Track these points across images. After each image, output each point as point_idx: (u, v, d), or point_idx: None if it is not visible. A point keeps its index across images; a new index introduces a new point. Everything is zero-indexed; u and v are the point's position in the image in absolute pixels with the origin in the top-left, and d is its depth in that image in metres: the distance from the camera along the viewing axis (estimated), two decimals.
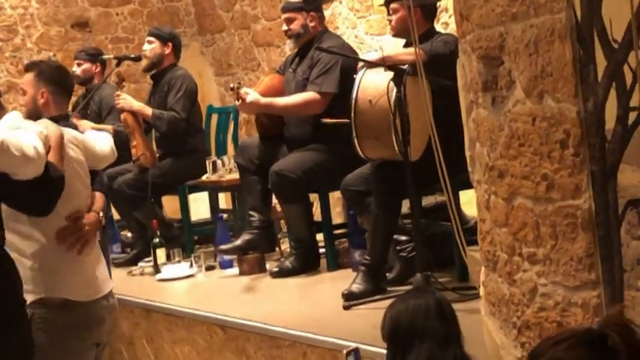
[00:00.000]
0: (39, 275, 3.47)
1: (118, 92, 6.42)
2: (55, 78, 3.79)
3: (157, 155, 6.43)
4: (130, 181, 6.40)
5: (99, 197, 3.77)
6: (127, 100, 6.38)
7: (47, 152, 3.34)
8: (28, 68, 3.90)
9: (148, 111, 6.38)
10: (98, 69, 7.03)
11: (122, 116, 6.39)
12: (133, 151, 6.31)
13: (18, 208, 3.37)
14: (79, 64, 6.99)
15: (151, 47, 6.55)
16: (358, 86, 4.76)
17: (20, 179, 3.19)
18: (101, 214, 3.73)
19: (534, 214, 2.72)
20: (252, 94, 5.57)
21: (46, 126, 3.47)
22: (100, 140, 3.91)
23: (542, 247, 2.70)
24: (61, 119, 3.73)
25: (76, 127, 3.90)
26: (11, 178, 3.15)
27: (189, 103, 6.46)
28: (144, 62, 6.63)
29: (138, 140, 6.31)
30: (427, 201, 5.37)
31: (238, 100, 5.58)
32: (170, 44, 6.56)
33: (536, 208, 2.71)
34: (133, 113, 6.34)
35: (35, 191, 3.26)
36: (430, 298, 2.84)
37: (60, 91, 3.80)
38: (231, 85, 5.70)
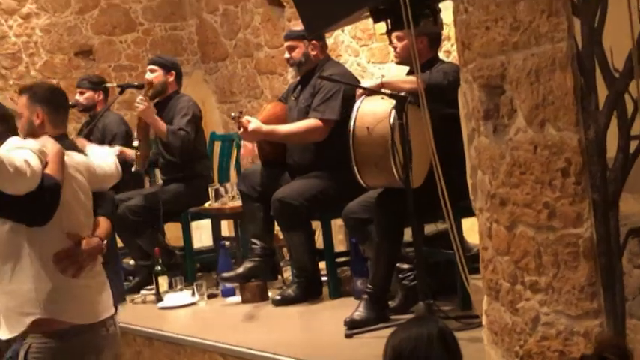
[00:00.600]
0: (36, 296, 3.45)
1: (141, 97, 6.40)
2: (48, 98, 3.76)
3: (162, 180, 6.46)
4: (134, 208, 6.40)
5: (103, 222, 3.75)
6: (147, 109, 6.32)
7: (45, 167, 3.37)
8: (22, 92, 3.88)
9: (163, 127, 6.35)
10: (101, 97, 7.04)
11: (138, 116, 6.42)
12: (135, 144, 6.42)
13: (15, 219, 3.38)
14: (81, 92, 7.01)
15: (154, 75, 6.56)
16: (356, 115, 4.77)
17: (13, 194, 3.22)
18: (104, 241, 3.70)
19: (536, 242, 2.72)
20: (254, 122, 5.58)
21: (44, 143, 3.48)
22: (104, 159, 3.90)
23: (544, 276, 2.70)
24: (59, 139, 3.68)
25: (75, 146, 3.83)
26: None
27: (195, 127, 6.48)
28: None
29: (141, 141, 6.38)
30: (429, 229, 5.37)
31: (240, 129, 5.59)
32: (173, 72, 6.59)
33: (537, 237, 2.71)
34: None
35: (31, 201, 3.28)
36: (433, 326, 2.82)
37: (55, 111, 3.75)
38: (233, 115, 5.70)
